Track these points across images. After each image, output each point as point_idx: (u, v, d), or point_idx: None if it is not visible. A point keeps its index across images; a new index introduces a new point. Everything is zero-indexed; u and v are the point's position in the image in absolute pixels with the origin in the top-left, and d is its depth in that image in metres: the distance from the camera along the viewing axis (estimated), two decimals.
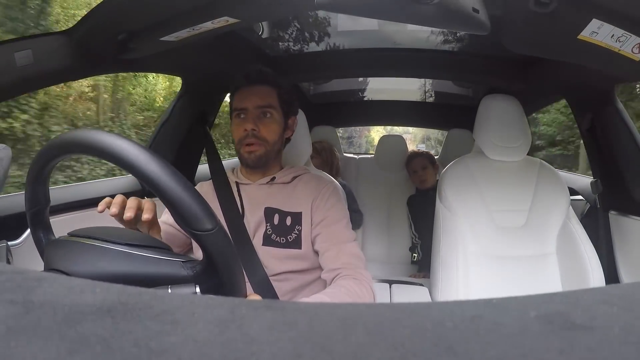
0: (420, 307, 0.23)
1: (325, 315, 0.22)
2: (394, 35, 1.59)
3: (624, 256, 1.36)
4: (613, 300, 0.23)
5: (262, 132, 0.99)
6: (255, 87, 1.01)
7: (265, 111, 1.00)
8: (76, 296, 0.24)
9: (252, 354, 0.18)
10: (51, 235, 0.64)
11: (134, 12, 0.87)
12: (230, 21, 0.86)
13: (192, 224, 0.50)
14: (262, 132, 0.99)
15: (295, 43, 1.63)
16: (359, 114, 2.78)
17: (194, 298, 0.27)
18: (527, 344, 0.18)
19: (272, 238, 0.97)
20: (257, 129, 0.98)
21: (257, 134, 0.98)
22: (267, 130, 1.00)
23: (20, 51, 0.82)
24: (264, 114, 1.00)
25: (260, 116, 1.00)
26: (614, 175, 1.39)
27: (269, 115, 1.00)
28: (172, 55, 1.06)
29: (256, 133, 0.98)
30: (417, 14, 0.72)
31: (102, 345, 0.18)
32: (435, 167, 2.18)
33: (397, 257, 2.26)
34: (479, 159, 1.42)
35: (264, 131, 0.99)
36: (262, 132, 0.99)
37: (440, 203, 1.41)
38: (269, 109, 1.00)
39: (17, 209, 0.95)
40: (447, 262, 1.33)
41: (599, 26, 0.76)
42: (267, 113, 1.00)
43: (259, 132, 0.98)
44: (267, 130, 1.00)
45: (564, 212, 1.36)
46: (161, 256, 0.54)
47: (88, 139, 0.50)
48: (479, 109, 1.41)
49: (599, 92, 1.35)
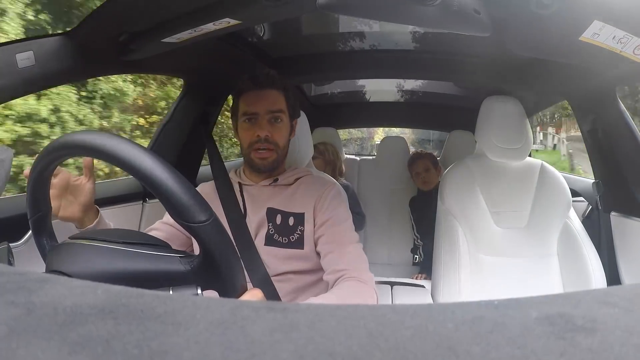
0: (422, 308, 0.23)
1: (327, 317, 0.22)
2: (396, 37, 1.59)
3: (625, 257, 1.36)
4: (614, 301, 0.23)
5: (274, 137, 0.99)
6: (265, 92, 1.01)
7: (276, 116, 1.00)
8: (77, 297, 0.24)
9: (253, 356, 0.18)
10: (54, 242, 0.64)
11: (136, 14, 0.87)
12: (232, 22, 0.87)
13: (185, 216, 0.50)
14: (274, 137, 0.99)
15: (296, 44, 1.63)
16: (361, 116, 2.78)
17: (196, 299, 0.27)
18: (528, 345, 0.18)
19: (275, 238, 0.97)
20: (270, 135, 0.98)
21: (270, 139, 0.99)
22: (279, 136, 1.00)
23: (21, 52, 0.82)
24: (275, 119, 1.00)
25: (271, 121, 1.00)
26: (615, 176, 1.39)
27: (280, 120, 1.01)
28: (174, 56, 1.06)
29: (269, 138, 0.98)
30: (419, 16, 0.72)
31: (103, 347, 0.18)
32: (437, 168, 2.18)
33: (398, 258, 2.26)
34: (481, 160, 1.42)
35: (276, 136, 0.99)
36: (275, 137, 0.99)
37: (441, 204, 1.41)
38: (280, 114, 1.00)
39: (19, 210, 0.95)
40: (448, 264, 1.33)
41: (600, 28, 0.76)
42: (278, 118, 1.00)
43: (272, 137, 0.99)
44: (278, 135, 1.00)
45: (566, 214, 1.35)
46: (159, 252, 0.55)
47: (81, 140, 0.51)
48: (480, 110, 1.41)
49: (600, 94, 1.35)
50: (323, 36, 1.62)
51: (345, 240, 0.96)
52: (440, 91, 2.37)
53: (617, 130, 1.34)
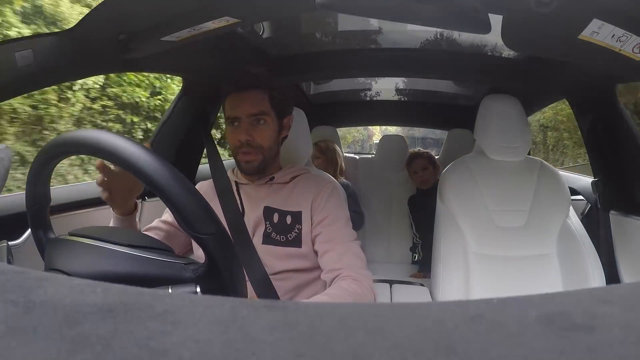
0: (421, 307, 0.23)
1: (326, 316, 0.22)
2: (395, 35, 1.59)
3: (624, 256, 1.36)
4: (614, 300, 0.23)
5: (256, 139, 0.98)
6: (246, 94, 0.98)
7: (258, 118, 0.98)
8: (77, 296, 0.24)
9: (252, 354, 0.18)
10: (51, 234, 0.64)
11: (135, 12, 0.87)
12: (231, 21, 0.86)
13: (195, 227, 0.50)
14: (256, 139, 0.98)
15: (295, 43, 1.63)
16: (360, 114, 2.78)
17: (195, 298, 0.27)
18: (527, 344, 0.18)
19: (272, 236, 0.97)
20: (251, 138, 0.97)
21: (252, 142, 0.97)
22: (262, 137, 0.98)
23: (21, 51, 0.81)
24: (257, 121, 0.98)
25: (253, 123, 0.98)
26: (614, 175, 1.39)
27: (263, 121, 0.98)
28: (173, 55, 1.06)
29: (251, 142, 0.97)
30: (418, 14, 0.72)
31: (102, 345, 0.18)
32: (436, 167, 2.18)
33: (397, 257, 2.26)
34: (480, 159, 1.42)
35: (258, 138, 0.98)
36: (257, 140, 0.98)
37: (440, 203, 1.41)
38: (262, 115, 0.98)
39: (18, 208, 0.95)
40: (447, 262, 1.33)
41: (599, 26, 0.76)
42: (260, 120, 0.98)
43: (254, 140, 0.97)
44: (261, 137, 0.98)
45: (565, 212, 1.36)
46: (163, 258, 0.54)
47: (91, 139, 0.51)
48: (479, 109, 1.41)
49: (599, 92, 1.35)
50: (322, 35, 1.62)
51: (343, 239, 0.96)
52: (439, 89, 2.36)
53: (617, 128, 1.34)
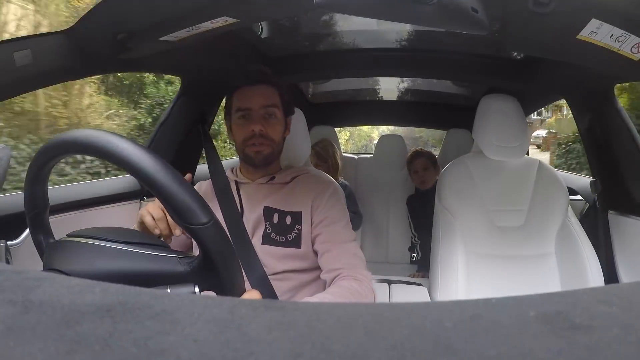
0: (420, 306, 0.23)
1: (325, 315, 0.22)
2: (393, 35, 1.59)
3: (623, 256, 1.36)
4: (612, 300, 0.23)
5: (268, 132, 0.99)
6: (258, 87, 1.00)
7: (270, 112, 1.00)
8: (75, 296, 0.24)
9: (251, 354, 0.18)
10: (51, 239, 0.64)
11: (133, 12, 0.87)
12: (229, 21, 0.86)
13: (186, 218, 0.50)
14: (268, 132, 0.99)
15: (294, 43, 1.63)
16: (358, 114, 2.78)
17: (193, 298, 0.27)
18: (526, 343, 0.18)
19: (272, 237, 0.97)
20: (264, 129, 0.98)
21: (265, 134, 0.98)
22: (273, 131, 1.00)
23: (19, 51, 0.81)
24: (269, 114, 1.00)
25: (265, 116, 0.99)
26: (613, 175, 1.40)
27: (274, 115, 1.00)
28: (171, 55, 1.06)
29: (263, 133, 0.98)
30: (416, 14, 0.72)
31: (101, 345, 0.18)
32: (436, 168, 2.17)
33: (396, 256, 2.27)
34: (478, 158, 1.42)
35: (270, 131, 0.99)
36: (269, 133, 0.99)
37: (439, 203, 1.42)
38: (274, 108, 1.00)
39: (17, 208, 0.95)
40: (446, 262, 1.33)
41: (598, 26, 0.76)
42: (272, 114, 1.00)
43: (266, 132, 0.98)
44: (272, 130, 1.00)
45: (563, 212, 1.36)
46: (158, 253, 0.54)
47: (83, 138, 0.51)
48: (478, 108, 1.41)
49: (598, 92, 1.35)
50: (320, 35, 1.62)
51: (343, 239, 0.96)
52: (438, 89, 2.37)
53: (615, 128, 1.35)
